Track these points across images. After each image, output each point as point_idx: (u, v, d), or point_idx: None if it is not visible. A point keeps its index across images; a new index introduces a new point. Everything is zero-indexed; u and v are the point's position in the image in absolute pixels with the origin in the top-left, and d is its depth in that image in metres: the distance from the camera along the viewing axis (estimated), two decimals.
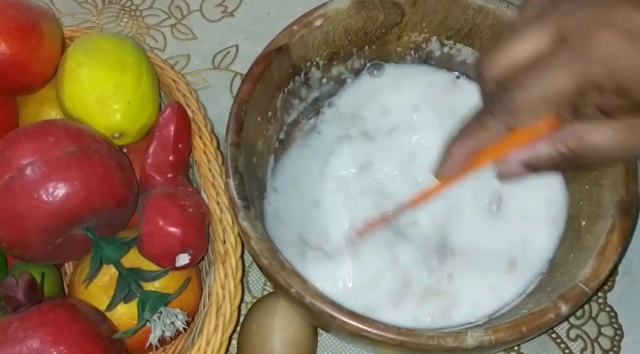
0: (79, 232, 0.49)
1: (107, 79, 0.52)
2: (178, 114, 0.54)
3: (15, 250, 0.49)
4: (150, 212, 0.49)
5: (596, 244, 0.48)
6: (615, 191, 0.50)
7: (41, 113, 0.57)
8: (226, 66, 0.70)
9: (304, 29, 0.55)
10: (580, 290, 0.46)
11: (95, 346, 0.46)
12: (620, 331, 0.58)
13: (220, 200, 0.52)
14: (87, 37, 0.56)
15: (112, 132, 0.52)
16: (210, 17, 0.73)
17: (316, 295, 0.45)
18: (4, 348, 0.44)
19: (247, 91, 0.52)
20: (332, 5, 0.56)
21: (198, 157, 0.54)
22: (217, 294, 0.49)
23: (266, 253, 0.47)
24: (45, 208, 0.46)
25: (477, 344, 0.44)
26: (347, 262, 0.53)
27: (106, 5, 0.73)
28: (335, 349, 0.57)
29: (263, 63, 0.54)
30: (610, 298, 0.60)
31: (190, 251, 0.50)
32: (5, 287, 0.46)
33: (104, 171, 0.48)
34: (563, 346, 0.58)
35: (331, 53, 0.58)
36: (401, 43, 0.60)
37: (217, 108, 0.67)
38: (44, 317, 0.45)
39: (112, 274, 0.50)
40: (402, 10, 0.57)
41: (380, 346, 0.45)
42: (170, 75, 0.57)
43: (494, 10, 0.55)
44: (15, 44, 0.52)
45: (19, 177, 0.46)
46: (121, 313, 0.50)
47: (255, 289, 0.60)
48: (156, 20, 0.72)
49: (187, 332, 0.52)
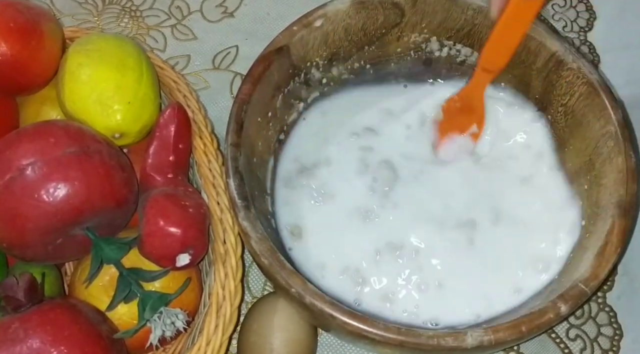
0: (79, 232, 0.49)
1: (108, 80, 0.52)
2: (178, 114, 0.54)
3: (15, 250, 0.49)
4: (151, 212, 0.50)
5: (596, 244, 0.48)
6: (614, 191, 0.50)
7: (41, 113, 0.57)
8: (226, 67, 0.70)
9: (303, 30, 0.55)
10: (579, 290, 0.46)
11: (95, 346, 0.46)
12: (620, 331, 0.58)
13: (220, 200, 0.52)
14: (88, 38, 0.56)
15: (113, 132, 0.52)
16: (210, 17, 0.73)
17: (316, 295, 0.45)
18: (4, 347, 0.44)
19: (247, 92, 0.53)
20: (332, 5, 0.56)
21: (198, 157, 0.54)
22: (217, 294, 0.49)
23: (266, 253, 0.47)
24: (45, 208, 0.46)
25: (477, 344, 0.44)
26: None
27: (106, 6, 0.73)
28: (335, 349, 0.57)
29: (263, 63, 0.54)
30: (610, 297, 0.60)
31: (191, 251, 0.50)
32: (6, 287, 0.46)
33: (104, 171, 0.48)
34: (562, 346, 0.58)
35: (331, 53, 0.58)
36: (401, 43, 0.60)
37: (217, 108, 0.67)
38: (45, 317, 0.45)
39: (113, 274, 0.51)
40: (401, 10, 0.57)
41: (380, 346, 0.45)
42: (171, 76, 0.58)
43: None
44: (15, 45, 0.52)
45: (20, 177, 0.46)
46: (121, 313, 0.50)
47: (256, 289, 0.60)
48: (156, 21, 0.72)
49: (187, 332, 0.52)
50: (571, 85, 0.54)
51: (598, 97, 0.52)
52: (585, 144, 0.54)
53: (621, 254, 0.48)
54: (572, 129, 0.55)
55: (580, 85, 0.54)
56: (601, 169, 0.52)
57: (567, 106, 0.55)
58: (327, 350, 0.57)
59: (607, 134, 0.52)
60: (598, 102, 0.52)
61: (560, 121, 0.56)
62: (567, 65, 0.54)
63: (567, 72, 0.54)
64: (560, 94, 0.55)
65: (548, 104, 0.57)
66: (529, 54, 0.56)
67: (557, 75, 0.55)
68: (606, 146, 0.52)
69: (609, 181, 0.51)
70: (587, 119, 0.53)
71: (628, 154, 0.50)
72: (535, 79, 0.57)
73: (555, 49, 0.55)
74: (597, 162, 0.52)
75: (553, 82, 0.56)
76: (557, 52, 0.54)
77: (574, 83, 0.54)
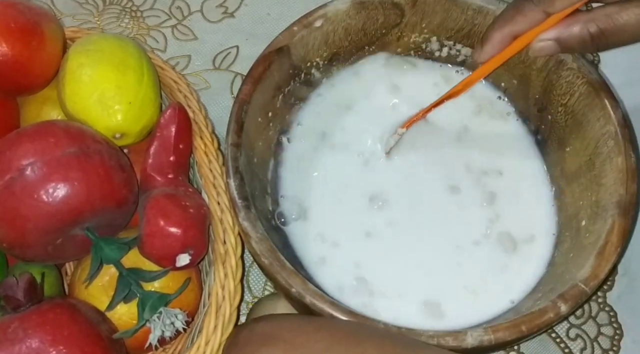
0: (79, 232, 0.49)
1: (109, 80, 0.52)
2: (179, 114, 0.54)
3: (15, 250, 0.49)
4: (151, 212, 0.50)
5: (596, 244, 0.48)
6: (614, 190, 0.50)
7: (42, 114, 0.57)
8: (227, 67, 0.70)
9: (304, 30, 0.55)
10: (579, 290, 0.46)
11: (95, 346, 0.46)
12: (620, 331, 0.58)
13: (220, 200, 0.52)
14: (88, 38, 0.56)
15: (113, 132, 0.52)
16: (210, 17, 0.73)
17: (316, 295, 0.45)
18: (4, 347, 0.44)
19: (247, 92, 0.53)
20: (332, 6, 0.56)
21: (199, 157, 0.54)
22: (216, 295, 0.49)
23: (267, 253, 0.47)
24: (45, 209, 0.46)
25: (477, 344, 0.44)
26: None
27: (107, 6, 0.73)
28: None
29: (263, 64, 0.54)
30: (610, 297, 0.60)
31: (191, 251, 0.50)
32: (6, 287, 0.46)
33: (104, 171, 0.48)
34: (563, 346, 0.58)
35: (331, 54, 0.58)
36: (401, 44, 0.60)
37: (218, 109, 0.67)
38: (44, 317, 0.45)
39: (112, 274, 0.51)
40: (401, 11, 0.57)
41: None
42: (171, 76, 0.58)
43: (494, 10, 0.55)
44: (16, 45, 0.52)
45: (20, 177, 0.46)
46: (121, 313, 0.50)
47: (256, 289, 0.60)
48: (157, 21, 0.72)
49: (187, 332, 0.52)
50: (571, 85, 0.54)
51: (598, 97, 0.52)
52: (585, 144, 0.54)
53: (621, 254, 0.48)
54: (572, 129, 0.55)
55: (580, 85, 0.54)
56: (601, 169, 0.52)
57: (567, 106, 0.55)
58: None
59: (607, 134, 0.52)
60: (598, 102, 0.52)
61: (560, 121, 0.56)
62: (567, 65, 0.54)
63: (567, 72, 0.54)
64: (560, 93, 0.55)
65: (548, 104, 0.57)
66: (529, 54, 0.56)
67: (557, 75, 0.55)
68: (606, 146, 0.52)
69: (609, 181, 0.51)
70: (587, 119, 0.53)
71: (628, 154, 0.50)
72: (535, 79, 0.57)
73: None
74: (597, 162, 0.52)
75: (553, 82, 0.56)
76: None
77: (574, 83, 0.54)
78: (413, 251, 0.54)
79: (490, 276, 0.53)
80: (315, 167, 0.57)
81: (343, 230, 0.55)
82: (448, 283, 0.53)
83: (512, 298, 0.52)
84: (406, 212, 0.55)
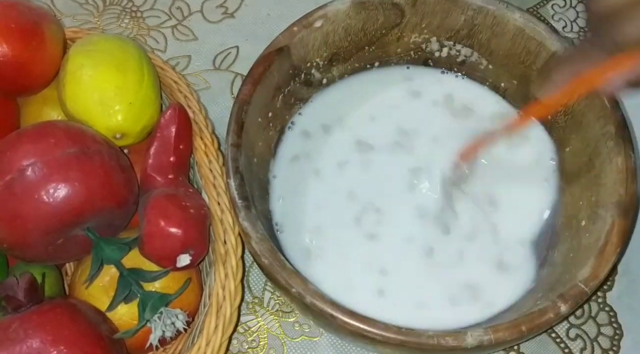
0: (79, 232, 0.49)
1: (109, 80, 0.52)
2: (179, 115, 0.54)
3: (16, 251, 0.49)
4: (152, 213, 0.50)
5: (595, 244, 0.48)
6: (614, 191, 0.50)
7: (42, 114, 0.57)
8: (227, 67, 0.70)
9: (304, 30, 0.55)
10: (579, 290, 0.46)
11: (95, 346, 0.46)
12: (620, 331, 0.58)
13: (221, 200, 0.52)
14: (89, 39, 0.56)
15: (114, 133, 0.52)
16: (210, 18, 0.73)
17: (316, 295, 0.45)
18: (4, 347, 0.44)
19: (247, 92, 0.53)
20: (332, 6, 0.56)
21: (199, 157, 0.54)
22: (217, 295, 0.49)
23: (267, 253, 0.47)
24: (46, 209, 0.46)
25: (477, 344, 0.44)
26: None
27: (107, 7, 0.73)
28: (336, 349, 0.57)
29: (263, 64, 0.54)
30: (610, 297, 0.60)
31: (191, 251, 0.50)
32: (6, 287, 0.46)
33: (104, 171, 0.48)
34: (563, 346, 0.58)
35: (331, 54, 0.58)
36: (401, 44, 0.60)
37: (218, 109, 0.67)
38: (44, 317, 0.45)
39: (113, 275, 0.51)
40: (401, 11, 0.57)
41: (381, 346, 0.45)
42: (171, 77, 0.58)
43: (494, 10, 0.55)
44: (16, 46, 0.52)
45: (20, 178, 0.46)
46: (122, 313, 0.50)
47: (256, 289, 0.60)
48: (157, 22, 0.72)
49: (188, 332, 0.52)
50: None
51: (598, 97, 0.52)
52: (585, 144, 0.54)
53: (621, 254, 0.48)
54: (572, 129, 0.55)
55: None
56: (601, 169, 0.52)
57: (566, 106, 0.55)
58: (327, 350, 0.57)
59: (607, 134, 0.52)
60: (598, 102, 0.52)
61: (560, 121, 0.56)
62: None
63: None
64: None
65: None
66: (529, 54, 0.56)
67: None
68: (606, 146, 0.52)
69: (608, 181, 0.51)
70: (587, 119, 0.53)
71: (628, 154, 0.50)
72: (535, 79, 0.57)
73: (555, 49, 0.55)
74: (597, 162, 0.52)
75: None
76: (557, 52, 0.54)
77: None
78: (412, 251, 0.54)
79: (489, 275, 0.53)
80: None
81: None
82: (446, 282, 0.53)
83: (512, 298, 0.52)
84: (401, 214, 0.55)
